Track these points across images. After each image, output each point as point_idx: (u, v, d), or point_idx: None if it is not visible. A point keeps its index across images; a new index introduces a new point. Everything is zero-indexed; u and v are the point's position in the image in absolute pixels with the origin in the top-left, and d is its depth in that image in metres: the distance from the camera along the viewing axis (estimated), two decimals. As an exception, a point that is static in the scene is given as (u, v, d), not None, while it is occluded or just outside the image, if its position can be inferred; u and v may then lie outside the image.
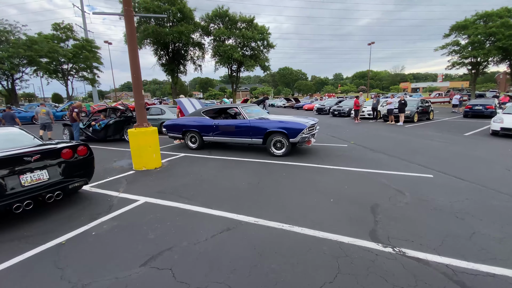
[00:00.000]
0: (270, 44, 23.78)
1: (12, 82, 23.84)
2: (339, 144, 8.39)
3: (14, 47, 20.51)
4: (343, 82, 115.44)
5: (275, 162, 6.16)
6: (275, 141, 6.72)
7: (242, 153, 7.27)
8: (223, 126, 7.30)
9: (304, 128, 6.29)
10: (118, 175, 5.54)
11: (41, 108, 11.50)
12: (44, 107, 11.60)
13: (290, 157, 6.63)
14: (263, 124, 6.76)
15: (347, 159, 6.32)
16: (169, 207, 3.78)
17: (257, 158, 6.61)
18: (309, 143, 6.85)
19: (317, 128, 7.55)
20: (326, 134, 10.56)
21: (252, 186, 4.56)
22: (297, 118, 7.15)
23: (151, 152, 5.88)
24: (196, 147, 7.91)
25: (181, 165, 6.26)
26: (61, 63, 31.40)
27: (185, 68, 25.94)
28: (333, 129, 12.24)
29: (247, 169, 5.70)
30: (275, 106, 41.59)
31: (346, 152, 7.18)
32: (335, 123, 15.27)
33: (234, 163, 6.29)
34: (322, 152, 7.23)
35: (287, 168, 5.65)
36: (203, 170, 5.70)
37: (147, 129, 5.83)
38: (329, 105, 22.96)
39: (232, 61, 22.31)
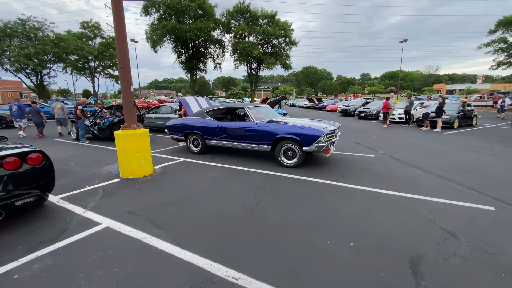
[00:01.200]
0: (293, 41, 22.49)
1: (41, 78, 24.85)
2: (365, 153, 7.08)
3: (41, 44, 21.21)
4: (371, 83, 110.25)
5: (283, 175, 5.09)
6: (285, 149, 5.64)
7: (248, 161, 6.26)
8: (227, 129, 6.34)
9: (321, 135, 5.14)
10: (100, 183, 4.80)
11: (56, 103, 11.45)
12: (59, 103, 11.56)
13: (302, 169, 5.52)
14: (272, 128, 5.70)
15: (375, 176, 5.07)
16: (131, 238, 2.88)
17: (263, 168, 5.57)
18: (327, 153, 5.68)
19: (339, 134, 6.34)
20: (349, 140, 9.23)
21: (246, 211, 3.54)
22: (314, 122, 6.00)
23: (139, 158, 5.07)
24: (199, 151, 7.04)
25: (174, 173, 5.40)
26: (88, 60, 32.59)
27: (205, 66, 25.50)
28: (358, 134, 10.82)
29: (248, 183, 4.68)
30: (296, 106, 40.08)
31: (373, 165, 5.90)
32: (360, 127, 13.75)
33: (235, 173, 5.31)
34: (343, 163, 6.01)
35: (296, 185, 4.55)
36: (197, 182, 4.78)
37: (135, 131, 5.03)
38: (355, 106, 21.23)
39: (251, 58, 21.36)
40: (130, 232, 3.00)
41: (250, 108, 6.41)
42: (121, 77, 4.97)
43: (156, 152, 7.37)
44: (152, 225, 3.16)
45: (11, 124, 13.85)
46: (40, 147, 3.54)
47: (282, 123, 5.81)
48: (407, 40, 40.60)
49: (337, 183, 4.63)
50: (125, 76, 4.98)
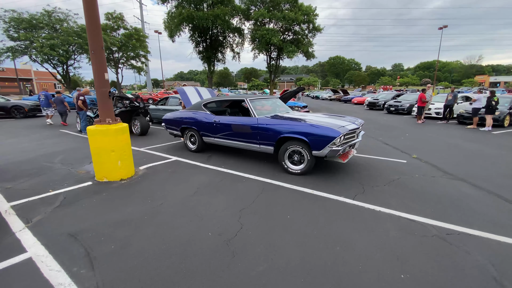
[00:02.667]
0: (317, 27, 20.67)
1: (66, 68, 25.55)
2: (394, 157, 5.76)
3: (64, 35, 21.56)
4: (403, 74, 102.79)
5: (285, 186, 4.03)
6: (291, 151, 4.55)
7: (249, 163, 5.27)
8: (225, 125, 5.37)
9: (336, 136, 3.98)
10: (68, 187, 4.09)
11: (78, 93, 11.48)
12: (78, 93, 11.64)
13: (311, 177, 4.41)
14: (275, 126, 4.62)
15: (406, 192, 3.84)
16: (44, 285, 2.05)
17: (263, 175, 4.54)
18: (344, 158, 4.51)
19: (361, 134, 5.10)
20: (376, 139, 7.85)
21: (220, 243, 2.57)
22: (331, 119, 4.82)
23: (115, 158, 4.29)
24: (195, 149, 6.17)
25: (157, 177, 4.57)
26: (112, 51, 33.13)
27: (223, 56, 24.55)
28: (387, 132, 9.32)
29: (238, 195, 3.70)
30: (320, 98, 38.12)
31: (405, 174, 4.62)
32: (390, 122, 12.09)
33: (228, 180, 4.35)
34: (365, 171, 4.80)
35: (299, 202, 3.49)
36: (177, 191, 3.90)
37: (110, 127, 4.23)
38: (384, 99, 19.22)
39: (270, 47, 19.98)
40: (49, 272, 2.17)
41: (253, 100, 5.35)
42: (93, 62, 4.15)
43: (151, 148, 6.64)
44: (84, 260, 2.31)
45: (29, 114, 14.11)
46: (41, 139, 2.79)
47: (289, 120, 4.70)
48: (447, 26, 36.50)
49: (354, 201, 3.49)
50: (98, 61, 4.16)
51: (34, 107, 14.41)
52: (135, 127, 8.81)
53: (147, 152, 6.32)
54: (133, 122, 8.84)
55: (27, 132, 9.38)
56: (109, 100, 4.33)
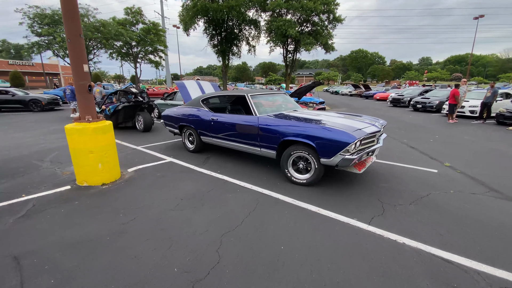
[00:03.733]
0: (337, 17, 19.36)
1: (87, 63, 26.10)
2: (422, 165, 4.85)
3: (84, 30, 21.89)
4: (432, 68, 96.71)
5: (284, 200, 3.34)
6: (296, 157, 3.84)
7: (249, 168, 4.62)
8: (223, 124, 4.74)
9: (350, 142, 3.21)
10: (44, 191, 3.68)
11: (96, 88, 11.52)
12: (98, 87, 11.71)
13: (318, 188, 3.68)
14: (278, 127, 3.92)
15: (440, 217, 3.02)
16: None
17: (262, 184, 3.88)
18: (361, 168, 3.73)
19: (383, 138, 4.27)
20: (399, 142, 6.88)
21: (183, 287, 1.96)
22: (347, 120, 4.05)
23: (94, 160, 3.81)
24: (193, 149, 5.62)
25: (143, 182, 4.05)
26: (131, 46, 33.57)
27: (239, 50, 23.88)
28: (413, 133, 8.26)
29: (226, 211, 3.07)
30: (339, 93, 36.49)
31: (437, 190, 3.76)
32: (416, 122, 10.89)
33: (219, 189, 3.73)
34: (386, 183, 3.98)
35: (298, 225, 2.79)
36: (157, 201, 3.34)
37: (88, 125, 3.74)
38: (410, 95, 17.71)
39: (287, 39, 18.99)
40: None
41: (254, 96, 4.66)
42: (70, 52, 3.66)
43: (149, 147, 6.17)
44: (5, 305, 1.80)
45: (46, 108, 14.34)
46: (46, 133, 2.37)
47: (295, 119, 3.98)
48: (483, 16, 33.33)
49: (370, 227, 2.73)
50: (75, 50, 3.66)
51: (52, 101, 14.65)
52: (139, 123, 8.44)
53: (143, 151, 5.86)
54: (137, 117, 8.48)
55: (37, 126, 9.33)
56: (89, 95, 3.83)
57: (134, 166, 4.77)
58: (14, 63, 39.61)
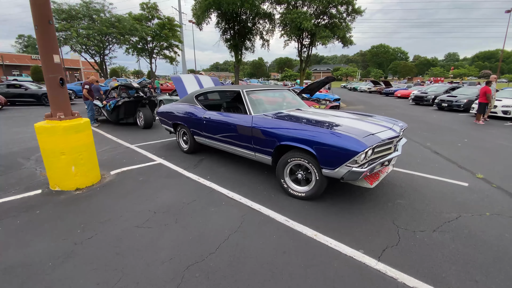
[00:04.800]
0: (357, 9, 18.18)
1: (103, 58, 26.48)
2: (449, 176, 4.07)
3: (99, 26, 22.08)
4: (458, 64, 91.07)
5: (275, 219, 2.75)
6: (294, 165, 3.23)
7: (242, 175, 4.07)
8: (215, 123, 4.20)
9: (359, 151, 2.56)
10: (11, 195, 3.33)
11: (113, 82, 11.49)
12: (115, 82, 11.71)
13: (318, 204, 3.06)
14: (274, 129, 3.31)
15: (475, 253, 2.32)
16: None
17: (253, 196, 3.31)
18: (373, 180, 3.07)
19: (402, 143, 3.56)
20: (422, 146, 6.05)
21: None
22: (358, 121, 3.38)
23: (66, 163, 3.40)
24: (188, 150, 5.14)
25: (121, 188, 3.60)
26: (147, 41, 33.78)
27: (252, 44, 23.21)
28: (438, 135, 7.34)
29: (201, 232, 2.53)
30: (358, 90, 34.94)
31: (468, 211, 3.02)
32: (442, 122, 9.84)
33: (202, 200, 3.21)
34: (404, 199, 3.28)
35: (287, 257, 2.20)
36: (125, 215, 2.86)
37: (58, 124, 3.33)
38: (435, 92, 16.36)
39: (302, 32, 18.08)
40: None
41: (251, 92, 4.06)
42: (38, 41, 3.24)
43: (143, 146, 5.77)
44: None
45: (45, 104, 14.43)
46: None
47: (296, 120, 3.36)
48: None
49: (379, 264, 2.10)
50: (44, 39, 3.23)
51: (63, 95, 14.76)
52: (140, 119, 8.10)
53: (135, 150, 5.46)
54: (138, 114, 8.14)
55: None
56: (60, 89, 3.41)
57: (119, 168, 4.35)
58: (36, 58, 41.12)
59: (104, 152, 5.32)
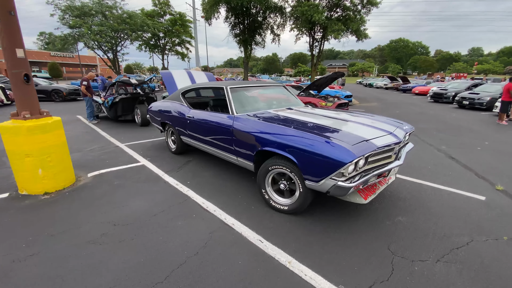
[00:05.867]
0: (372, 0, 17.17)
1: (115, 54, 26.80)
2: (463, 188, 3.51)
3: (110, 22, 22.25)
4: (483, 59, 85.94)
5: (247, 239, 2.36)
6: (276, 174, 2.82)
7: (226, 180, 3.70)
8: (198, 122, 3.84)
9: (347, 162, 2.10)
10: (-25, 200, 3.13)
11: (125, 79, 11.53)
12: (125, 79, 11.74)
13: (302, 220, 2.64)
14: (255, 132, 2.90)
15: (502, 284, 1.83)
16: None
17: (231, 207, 2.93)
18: (368, 194, 2.61)
19: (407, 150, 3.06)
20: (436, 148, 5.44)
21: None
22: (354, 124, 2.92)
23: (33, 165, 3.16)
24: (175, 151, 4.84)
25: (92, 193, 3.33)
26: (159, 38, 33.92)
27: (263, 39, 22.62)
28: (455, 137, 6.64)
29: (157, 254, 2.19)
30: (373, 86, 33.57)
31: (482, 233, 2.50)
32: (461, 122, 9.02)
33: (172, 210, 2.87)
34: (406, 215, 2.79)
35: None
36: (84, 228, 2.57)
37: (22, 123, 3.08)
38: (455, 89, 15.25)
39: (313, 26, 17.31)
40: None
41: (236, 89, 3.65)
42: (3, 30, 2.98)
43: (132, 145, 5.52)
44: None
45: (67, 98, 14.67)
46: None
47: (280, 122, 2.93)
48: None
49: (361, 309, 1.67)
50: (5, 32, 2.96)
51: (72, 91, 14.94)
52: (137, 116, 7.90)
53: (123, 149, 5.22)
54: (136, 111, 7.94)
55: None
56: (25, 86, 3.15)
57: (98, 170, 4.10)
58: (55, 54, 42.48)
59: (91, 151, 5.11)
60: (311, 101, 8.91)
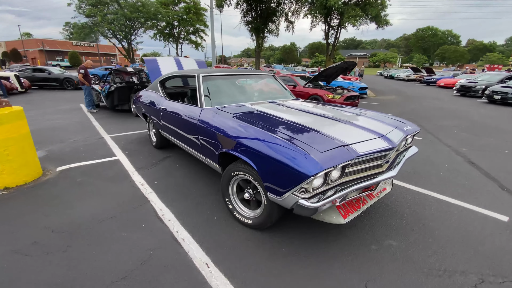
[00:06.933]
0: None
1: (129, 43, 26.97)
2: (481, 203, 2.87)
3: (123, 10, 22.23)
4: (524, 49, 78.55)
5: (192, 261, 1.93)
6: (241, 180, 2.36)
7: (199, 182, 3.30)
8: (170, 115, 3.44)
9: (310, 175, 1.58)
10: None
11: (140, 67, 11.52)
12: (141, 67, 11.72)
13: (268, 238, 2.17)
14: (218, 130, 2.43)
15: None
16: None
17: (190, 217, 2.53)
18: (348, 213, 2.08)
19: (407, 157, 2.47)
20: (454, 151, 4.70)
21: None
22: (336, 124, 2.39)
23: (-16, 159, 2.91)
24: (156, 145, 4.50)
25: (48, 192, 3.05)
26: (173, 26, 33.73)
27: (277, 27, 21.70)
28: (479, 137, 5.79)
29: (76, 276, 1.82)
30: (394, 78, 31.63)
31: (499, 269, 1.92)
32: (489, 120, 8.00)
33: (121, 219, 2.50)
34: (400, 237, 2.25)
35: None
36: (16, 235, 2.27)
37: (-29, 112, 2.80)
38: (486, 82, 13.78)
39: (328, 11, 16.22)
40: None
41: (209, 77, 3.17)
42: None
43: (116, 137, 5.25)
44: None
45: (78, 87, 14.82)
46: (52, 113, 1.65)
47: (252, 118, 2.44)
48: None
49: None
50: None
51: (84, 80, 15.08)
52: (132, 106, 7.64)
53: (105, 142, 4.95)
54: (132, 100, 7.68)
55: (49, 104, 9.33)
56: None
57: (70, 163, 3.83)
58: (77, 44, 43.66)
59: (73, 142, 4.88)
60: (317, 93, 8.24)
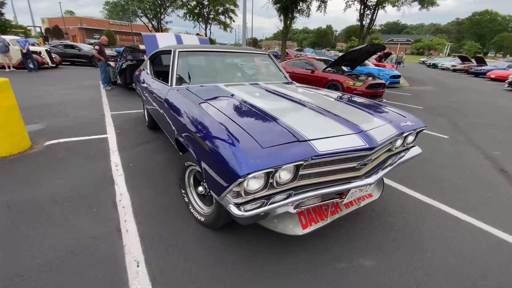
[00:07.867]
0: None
1: (159, 22, 27.25)
2: (497, 224, 2.30)
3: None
4: None
5: (124, 261, 1.73)
6: (197, 173, 2.07)
7: (172, 167, 3.08)
8: (147, 93, 3.23)
9: (241, 175, 1.24)
10: None
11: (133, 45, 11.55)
12: None
13: (223, 242, 1.89)
14: (174, 113, 2.14)
15: None
16: None
17: (147, 206, 2.33)
18: (312, 222, 1.71)
19: (402, 159, 1.99)
20: (482, 154, 3.96)
21: None
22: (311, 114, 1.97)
23: (-34, 129, 2.94)
24: (148, 125, 4.38)
25: (28, 166, 3.04)
26: (203, 6, 33.32)
27: (308, 7, 20.32)
28: (522, 139, 4.86)
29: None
30: (438, 67, 28.61)
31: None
32: (541, 118, 6.75)
33: (78, 203, 2.37)
34: (382, 253, 1.83)
35: None
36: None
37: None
38: (547, 75, 11.72)
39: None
40: None
41: (188, 54, 2.84)
42: None
43: (116, 115, 5.24)
44: None
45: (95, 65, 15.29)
46: (72, 88, 1.82)
47: (215, 100, 2.11)
48: None
49: None
50: None
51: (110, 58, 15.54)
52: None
53: (103, 119, 4.93)
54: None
55: (76, 80, 9.73)
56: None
57: (59, 138, 3.83)
58: (113, 23, 45.32)
59: (74, 118, 4.93)
60: (337, 79, 7.54)
